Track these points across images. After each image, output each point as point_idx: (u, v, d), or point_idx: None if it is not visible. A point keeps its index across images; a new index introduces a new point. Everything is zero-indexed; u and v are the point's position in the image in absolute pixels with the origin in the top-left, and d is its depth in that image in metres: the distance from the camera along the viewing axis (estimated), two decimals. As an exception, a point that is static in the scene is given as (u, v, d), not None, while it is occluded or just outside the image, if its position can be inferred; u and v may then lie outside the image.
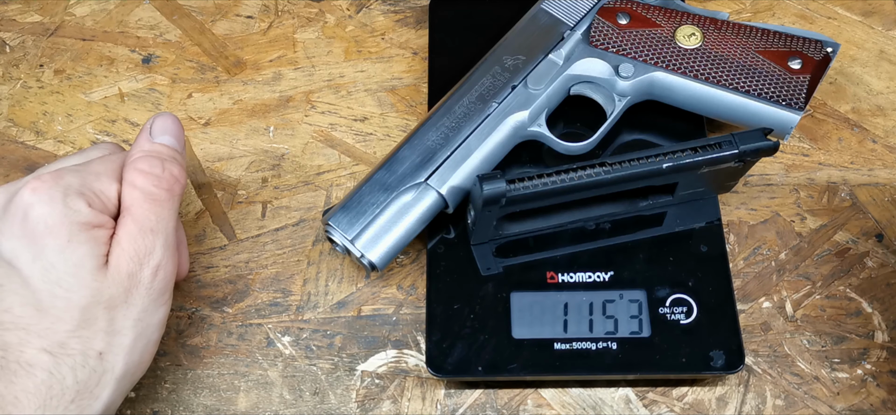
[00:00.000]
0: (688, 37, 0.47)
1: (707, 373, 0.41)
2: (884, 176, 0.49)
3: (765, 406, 0.42)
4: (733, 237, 0.47)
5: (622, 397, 0.43)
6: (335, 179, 0.50)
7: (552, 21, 0.49)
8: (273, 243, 0.48)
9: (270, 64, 0.55)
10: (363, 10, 0.57)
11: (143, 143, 0.40)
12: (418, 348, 0.44)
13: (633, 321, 0.43)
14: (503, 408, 0.43)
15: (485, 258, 0.45)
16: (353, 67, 0.54)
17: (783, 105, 0.45)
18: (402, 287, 0.46)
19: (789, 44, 0.46)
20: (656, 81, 0.47)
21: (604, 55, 0.47)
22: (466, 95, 0.46)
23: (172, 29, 0.56)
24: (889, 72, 0.53)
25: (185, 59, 0.55)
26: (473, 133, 0.45)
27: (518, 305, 0.43)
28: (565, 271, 0.44)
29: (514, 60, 0.47)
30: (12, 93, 0.54)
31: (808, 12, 0.56)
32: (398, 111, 0.52)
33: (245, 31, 0.56)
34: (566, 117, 0.49)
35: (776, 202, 0.48)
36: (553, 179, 0.41)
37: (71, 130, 0.52)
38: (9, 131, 0.52)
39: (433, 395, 0.43)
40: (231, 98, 0.53)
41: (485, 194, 0.40)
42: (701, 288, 0.43)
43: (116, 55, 0.55)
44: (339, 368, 0.44)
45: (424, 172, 0.44)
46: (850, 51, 0.54)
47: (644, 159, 0.41)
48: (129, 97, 0.54)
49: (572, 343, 0.42)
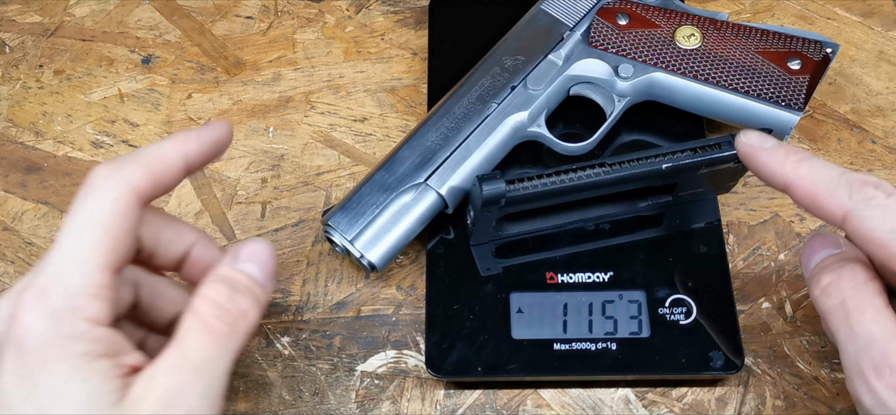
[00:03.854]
0: (687, 37, 0.47)
1: (706, 373, 0.41)
2: (883, 176, 0.49)
3: (764, 407, 0.42)
4: (733, 238, 0.47)
5: (622, 398, 0.43)
6: (335, 180, 0.50)
7: (552, 22, 0.49)
8: (272, 244, 0.48)
9: (270, 64, 0.55)
10: (363, 10, 0.57)
11: (222, 267, 0.34)
12: (418, 348, 0.44)
13: (632, 322, 0.43)
14: (503, 408, 0.43)
15: (484, 259, 0.45)
16: (353, 68, 0.54)
17: (783, 106, 0.45)
18: (402, 288, 0.46)
19: (789, 44, 0.46)
20: (656, 82, 0.47)
21: (603, 56, 0.47)
22: (466, 96, 0.46)
23: (172, 29, 0.56)
24: (888, 72, 0.53)
25: (185, 60, 0.55)
26: (473, 134, 0.45)
27: (517, 306, 0.43)
28: (565, 272, 0.44)
29: (513, 61, 0.47)
30: (12, 93, 0.54)
31: (807, 13, 0.56)
32: (398, 112, 0.52)
33: (245, 32, 0.56)
34: (566, 118, 0.49)
35: (776, 203, 0.48)
36: (553, 180, 0.41)
37: (70, 131, 0.52)
38: (8, 132, 0.52)
39: (433, 395, 0.43)
40: (231, 98, 0.53)
41: (484, 195, 0.40)
42: (700, 289, 0.43)
43: (116, 55, 0.55)
44: (338, 368, 0.44)
45: (424, 172, 0.44)
46: (849, 51, 0.54)
47: (644, 160, 0.41)
48: (128, 98, 0.54)
49: (572, 344, 0.42)
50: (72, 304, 0.30)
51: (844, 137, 0.51)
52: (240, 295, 0.33)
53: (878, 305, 0.33)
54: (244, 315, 0.33)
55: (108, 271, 0.31)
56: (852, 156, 0.50)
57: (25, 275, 0.33)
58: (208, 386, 0.31)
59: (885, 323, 0.33)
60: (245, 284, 0.33)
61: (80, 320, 0.30)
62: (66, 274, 0.30)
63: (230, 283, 0.33)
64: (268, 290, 0.35)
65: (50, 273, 0.30)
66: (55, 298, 0.30)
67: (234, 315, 0.32)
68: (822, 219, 0.34)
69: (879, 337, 0.33)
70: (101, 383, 0.30)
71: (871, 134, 0.51)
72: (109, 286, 0.31)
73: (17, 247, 0.48)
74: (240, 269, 0.34)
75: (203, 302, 0.32)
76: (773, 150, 0.36)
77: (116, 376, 0.30)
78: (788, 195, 0.35)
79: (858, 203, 0.33)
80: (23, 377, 0.29)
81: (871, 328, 0.33)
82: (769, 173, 0.36)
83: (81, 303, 0.30)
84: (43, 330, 0.29)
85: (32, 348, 0.29)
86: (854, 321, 0.33)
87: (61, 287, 0.30)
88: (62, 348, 0.29)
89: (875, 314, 0.33)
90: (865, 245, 0.33)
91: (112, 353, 0.30)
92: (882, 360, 0.32)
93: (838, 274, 0.34)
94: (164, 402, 0.30)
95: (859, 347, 0.33)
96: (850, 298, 0.34)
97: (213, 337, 0.32)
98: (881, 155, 0.50)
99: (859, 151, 0.50)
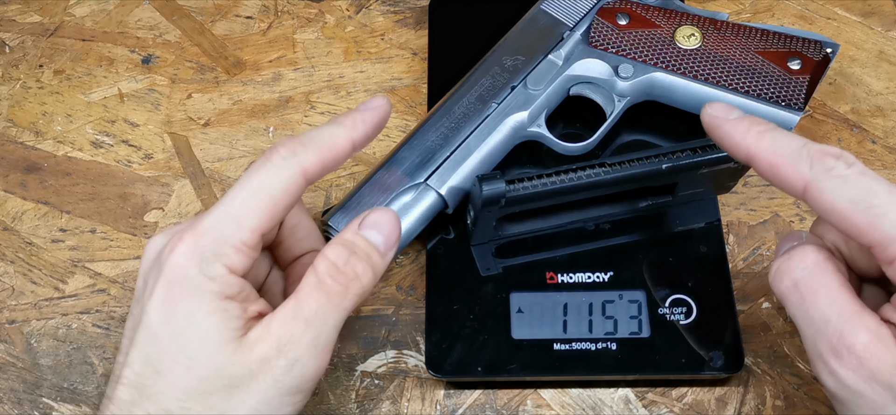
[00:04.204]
0: (687, 37, 0.47)
1: (706, 373, 0.41)
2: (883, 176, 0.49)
3: (764, 407, 0.42)
4: (733, 238, 0.47)
5: (622, 398, 0.43)
6: (335, 180, 0.50)
7: (552, 22, 0.49)
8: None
9: (270, 64, 0.55)
10: (363, 10, 0.57)
11: (347, 230, 0.37)
12: (418, 348, 0.44)
13: (632, 322, 0.43)
14: (503, 408, 0.43)
15: (484, 259, 0.45)
16: (353, 68, 0.54)
17: (783, 106, 0.45)
18: (402, 288, 0.46)
19: (789, 44, 0.46)
20: (656, 82, 0.47)
21: (603, 56, 0.47)
22: (466, 96, 0.46)
23: (172, 29, 0.56)
24: (888, 72, 0.53)
25: (185, 60, 0.55)
26: (473, 134, 0.45)
27: (517, 306, 0.43)
28: (565, 272, 0.44)
29: (513, 61, 0.47)
30: (12, 93, 0.54)
31: (807, 13, 0.56)
32: (398, 112, 0.52)
33: (245, 32, 0.56)
34: (566, 118, 0.49)
35: (776, 203, 0.48)
36: (553, 180, 0.41)
37: (70, 131, 0.52)
38: (8, 132, 0.52)
39: (433, 395, 0.43)
40: (231, 98, 0.53)
41: (484, 195, 0.40)
42: (700, 289, 0.43)
43: (116, 55, 0.55)
44: (338, 368, 0.44)
45: (424, 172, 0.44)
46: (849, 51, 0.54)
47: (644, 160, 0.41)
48: (128, 98, 0.54)
49: (572, 344, 0.42)
50: (219, 251, 0.34)
51: (844, 137, 0.51)
52: (356, 259, 0.36)
53: (832, 285, 0.33)
54: (358, 278, 0.35)
55: (257, 233, 0.35)
56: (852, 156, 0.50)
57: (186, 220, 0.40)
58: (317, 337, 0.34)
59: (839, 304, 0.32)
60: (363, 249, 0.36)
61: (220, 265, 0.34)
62: (223, 225, 0.34)
63: (349, 246, 0.36)
64: (387, 257, 0.37)
65: (211, 220, 0.34)
66: (206, 243, 0.34)
67: (348, 277, 0.35)
68: (785, 191, 0.34)
69: (834, 319, 0.32)
70: (226, 320, 0.33)
71: (871, 134, 0.51)
72: (255, 245, 0.35)
73: (17, 247, 0.48)
74: (362, 234, 0.37)
75: (321, 261, 0.35)
76: (736, 121, 0.35)
77: (239, 317, 0.34)
78: (752, 167, 0.35)
79: (819, 174, 0.32)
80: (165, 301, 0.34)
81: (825, 310, 0.32)
82: (732, 144, 0.35)
83: (226, 251, 0.34)
84: (189, 266, 0.34)
85: (178, 279, 0.34)
86: (808, 304, 0.33)
87: (215, 235, 0.34)
88: (200, 284, 0.33)
89: (829, 295, 0.33)
90: (827, 216, 0.32)
91: (241, 298, 0.34)
92: (839, 342, 0.32)
93: (790, 255, 0.34)
94: (276, 345, 0.33)
95: (816, 330, 0.33)
96: (801, 280, 0.33)
97: (326, 294, 0.34)
98: (881, 155, 0.50)
99: (859, 151, 0.50)
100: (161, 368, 0.33)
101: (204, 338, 0.33)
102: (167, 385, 0.33)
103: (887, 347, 0.31)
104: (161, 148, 0.51)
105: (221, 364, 0.33)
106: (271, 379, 0.33)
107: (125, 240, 0.48)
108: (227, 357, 0.33)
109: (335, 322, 0.35)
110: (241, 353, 0.33)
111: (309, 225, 0.42)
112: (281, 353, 0.33)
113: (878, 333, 0.32)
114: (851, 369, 0.32)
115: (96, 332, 0.45)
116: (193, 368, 0.33)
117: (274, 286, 0.42)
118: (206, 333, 0.33)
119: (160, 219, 0.49)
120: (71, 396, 0.43)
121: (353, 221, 0.37)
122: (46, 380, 0.44)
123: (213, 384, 0.33)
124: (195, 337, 0.33)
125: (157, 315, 0.34)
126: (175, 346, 0.33)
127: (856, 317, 0.32)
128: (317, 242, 0.42)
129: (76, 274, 0.47)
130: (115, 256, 0.48)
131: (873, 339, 0.31)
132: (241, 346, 0.33)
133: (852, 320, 0.32)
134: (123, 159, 0.51)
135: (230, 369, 0.33)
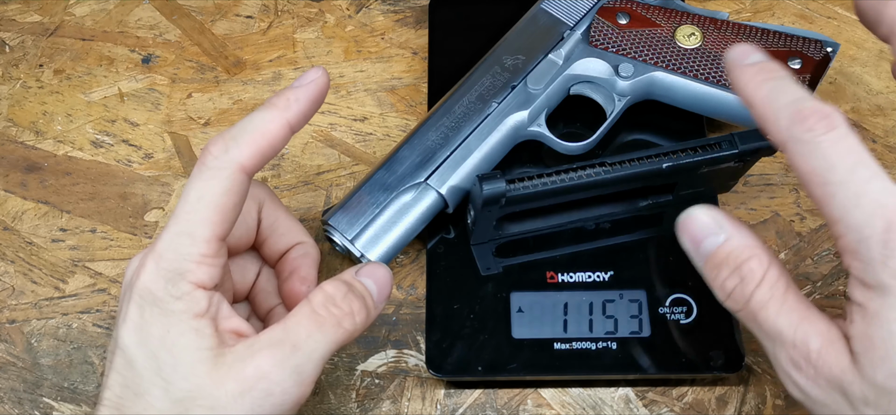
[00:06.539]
0: (687, 37, 0.47)
1: (707, 373, 0.41)
2: (884, 176, 0.49)
3: (765, 406, 0.42)
4: (733, 237, 0.47)
5: (622, 397, 0.43)
6: (335, 179, 0.50)
7: (552, 21, 0.49)
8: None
9: (270, 64, 0.55)
10: (363, 10, 0.57)
11: (346, 273, 0.37)
12: (418, 347, 0.44)
13: (633, 321, 0.43)
14: (503, 408, 0.43)
15: (484, 258, 0.45)
16: (353, 67, 0.54)
17: (783, 105, 0.45)
18: (402, 287, 0.46)
19: (789, 44, 0.46)
20: (656, 81, 0.47)
21: (603, 55, 0.47)
22: (466, 95, 0.46)
23: (172, 29, 0.56)
24: (889, 72, 0.53)
25: (185, 59, 0.55)
26: (473, 133, 0.45)
27: (518, 305, 0.43)
28: (565, 271, 0.44)
29: (513, 60, 0.47)
30: (12, 93, 0.54)
31: (807, 12, 0.56)
32: (398, 111, 0.52)
33: (245, 31, 0.56)
34: (566, 117, 0.49)
35: (776, 202, 0.48)
36: (553, 179, 0.41)
37: (70, 130, 0.52)
38: (8, 131, 0.52)
39: (433, 395, 0.43)
40: (231, 98, 0.53)
41: (484, 194, 0.40)
42: (701, 288, 0.43)
43: (116, 55, 0.55)
44: (338, 368, 0.44)
45: (424, 171, 0.44)
46: (849, 51, 0.54)
47: (644, 159, 0.41)
48: (128, 97, 0.54)
49: (572, 343, 0.42)
50: (181, 268, 0.34)
51: (845, 137, 0.50)
52: (353, 296, 0.36)
53: (778, 296, 0.32)
54: (352, 314, 0.35)
55: (213, 243, 0.34)
56: (852, 155, 0.50)
57: None
58: (302, 365, 0.34)
59: (788, 314, 0.32)
60: (360, 292, 0.36)
61: (185, 283, 0.34)
62: (178, 242, 0.34)
63: (349, 285, 0.36)
64: (378, 308, 0.37)
65: (166, 239, 0.34)
66: (167, 264, 0.34)
67: (343, 311, 0.35)
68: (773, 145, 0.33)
69: (787, 331, 0.32)
70: (198, 339, 0.33)
71: (871, 133, 0.51)
72: (215, 254, 0.34)
73: (18, 247, 0.48)
74: (359, 279, 0.37)
75: (318, 293, 0.35)
76: (746, 67, 0.33)
77: (212, 335, 0.34)
78: None
79: (794, 134, 0.31)
80: (138, 324, 0.34)
81: (776, 324, 0.32)
82: (736, 91, 0.33)
83: (189, 267, 0.34)
84: (156, 288, 0.34)
85: (148, 302, 0.34)
86: (761, 320, 0.32)
87: (173, 254, 0.34)
88: (169, 305, 0.33)
89: (777, 308, 0.32)
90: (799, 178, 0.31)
91: (211, 314, 0.34)
92: (796, 353, 0.32)
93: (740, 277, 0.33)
94: (257, 369, 0.33)
95: (773, 344, 0.32)
96: (752, 300, 0.33)
97: (318, 323, 0.34)
98: (881, 155, 0.50)
99: (859, 150, 0.50)
100: (139, 390, 0.33)
101: (177, 359, 0.33)
102: (146, 406, 0.33)
103: (837, 350, 0.31)
104: (161, 147, 0.51)
105: (197, 385, 0.33)
106: (249, 403, 0.33)
107: (125, 239, 0.48)
108: (201, 378, 0.33)
109: (322, 353, 0.34)
110: (218, 372, 0.33)
111: (287, 219, 0.42)
112: (262, 377, 0.33)
113: (828, 336, 0.31)
114: (810, 379, 0.31)
115: (96, 331, 0.45)
116: (169, 389, 0.33)
117: (267, 285, 0.42)
118: (179, 354, 0.33)
119: (160, 218, 0.49)
120: (71, 395, 0.43)
121: (351, 268, 0.37)
122: (47, 379, 0.44)
123: (189, 405, 0.33)
124: (168, 359, 0.33)
125: (132, 338, 0.34)
126: (150, 368, 0.33)
127: (805, 323, 0.32)
128: (300, 235, 0.42)
129: (76, 274, 0.47)
130: (115, 256, 0.48)
131: (824, 343, 0.31)
132: (218, 365, 0.33)
133: (802, 327, 0.32)
134: (124, 159, 0.51)
135: (207, 389, 0.33)
